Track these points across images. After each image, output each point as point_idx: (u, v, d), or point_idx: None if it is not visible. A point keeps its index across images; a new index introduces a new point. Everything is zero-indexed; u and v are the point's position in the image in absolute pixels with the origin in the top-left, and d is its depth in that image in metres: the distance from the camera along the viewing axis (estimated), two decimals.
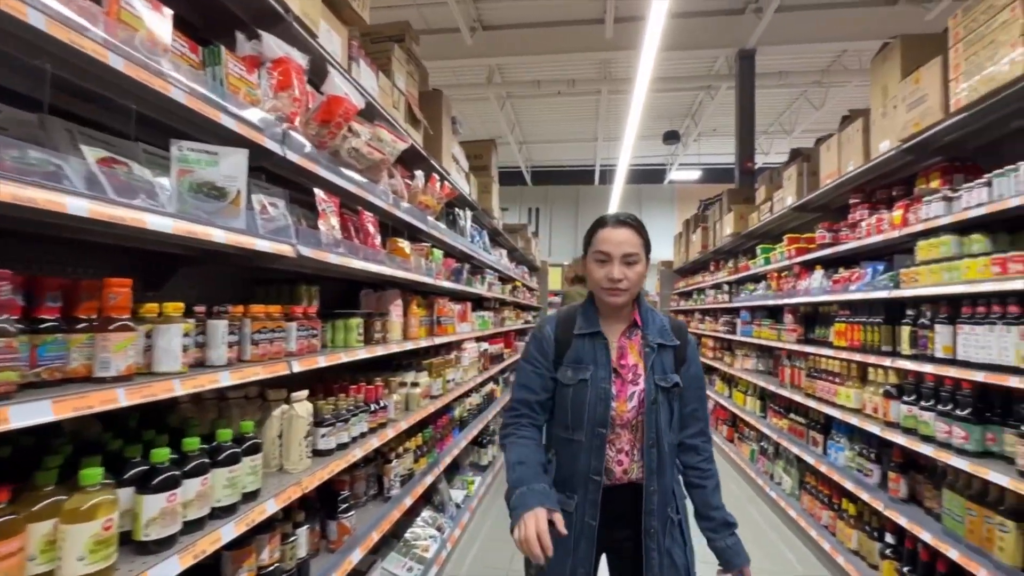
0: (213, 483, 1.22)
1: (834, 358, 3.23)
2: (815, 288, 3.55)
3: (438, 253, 3.37)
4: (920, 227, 2.48)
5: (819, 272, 3.58)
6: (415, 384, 2.71)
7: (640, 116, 7.25)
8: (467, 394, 4.03)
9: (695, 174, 13.62)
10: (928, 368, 2.31)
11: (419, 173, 2.92)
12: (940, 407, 2.25)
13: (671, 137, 11.25)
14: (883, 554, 2.65)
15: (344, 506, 1.93)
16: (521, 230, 8.07)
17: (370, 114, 2.28)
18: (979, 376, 2.01)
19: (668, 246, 10.50)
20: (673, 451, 1.44)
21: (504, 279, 6.41)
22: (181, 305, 1.24)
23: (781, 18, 6.88)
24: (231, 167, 1.36)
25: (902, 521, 2.44)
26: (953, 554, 2.10)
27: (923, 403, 2.36)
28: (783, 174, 4.43)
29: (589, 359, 1.42)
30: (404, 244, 2.78)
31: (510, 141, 12.37)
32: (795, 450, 3.69)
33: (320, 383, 2.22)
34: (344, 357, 1.94)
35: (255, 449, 1.37)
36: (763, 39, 7.25)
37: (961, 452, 2.10)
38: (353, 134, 2.08)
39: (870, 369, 2.86)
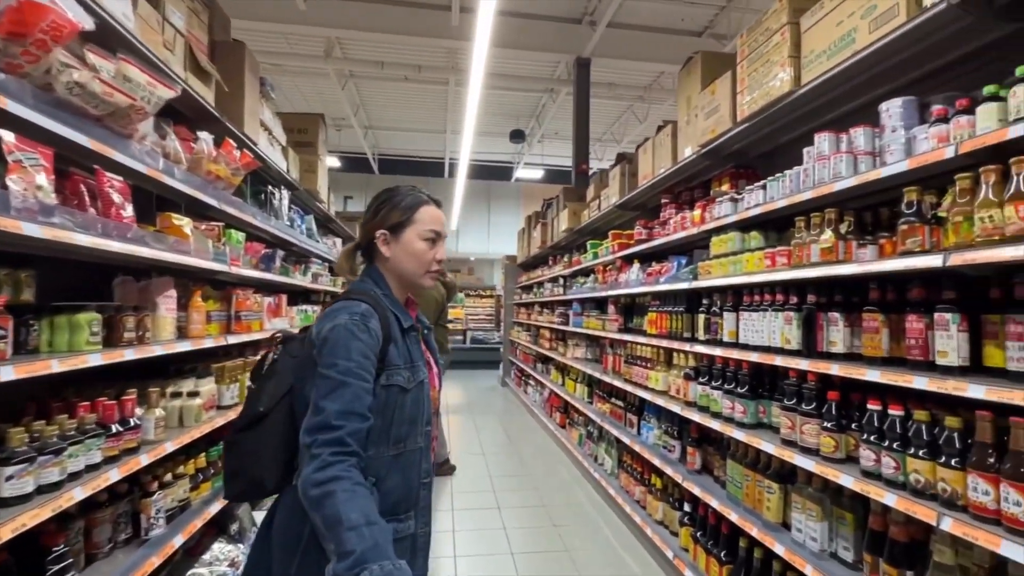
0: None
1: (647, 345, 3.50)
2: (633, 280, 3.81)
3: (238, 235, 2.85)
4: (713, 225, 2.75)
5: (636, 266, 3.86)
6: (193, 394, 2.21)
7: (479, 111, 7.23)
8: None
9: (539, 173, 14.28)
10: (718, 351, 2.56)
11: (206, 135, 2.39)
12: (726, 386, 2.51)
13: (517, 136, 11.61)
14: (682, 521, 2.91)
15: (57, 567, 1.43)
16: (361, 218, 7.51)
17: (113, 43, 1.75)
18: (754, 357, 2.26)
19: (513, 241, 10.81)
20: None
21: None
22: None
23: (611, 33, 7.44)
24: None
25: (696, 491, 2.69)
26: (734, 516, 2.34)
27: (714, 383, 2.62)
28: (609, 174, 4.73)
29: (416, 355, 1.27)
30: (183, 221, 2.24)
31: (354, 124, 11.56)
32: (615, 432, 3.95)
33: (36, 402, 1.65)
34: (58, 366, 1.43)
35: None
36: (597, 51, 7.77)
37: (740, 425, 2.36)
38: (84, 65, 1.56)
39: (675, 354, 3.13)
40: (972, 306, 1.50)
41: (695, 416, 2.74)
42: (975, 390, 1.33)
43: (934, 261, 1.45)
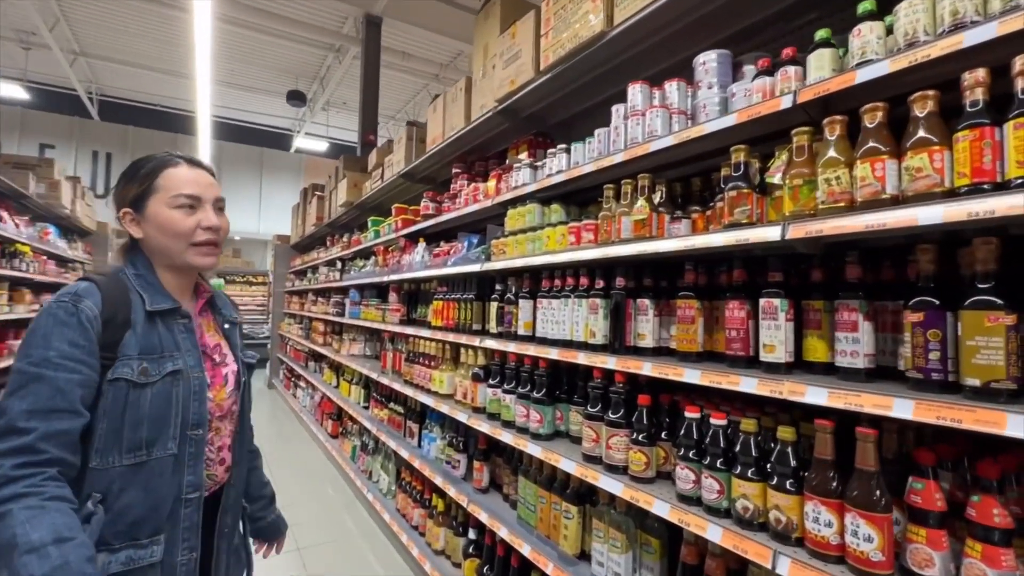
0: None
1: (431, 340, 2.92)
2: (417, 263, 3.20)
3: None
4: (511, 195, 2.30)
5: (422, 245, 3.26)
6: None
7: (241, 59, 5.75)
8: None
9: (323, 146, 12.70)
10: (511, 347, 2.11)
11: None
12: (520, 389, 2.07)
13: (296, 97, 9.97)
14: (466, 552, 2.42)
15: None
16: (40, 166, 5.23)
17: None
18: (553, 353, 1.86)
19: (290, 220, 9.23)
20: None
21: None
22: None
23: None
24: None
25: (483, 517, 2.21)
26: (526, 550, 1.91)
27: (506, 385, 2.17)
28: (395, 140, 4.04)
29: (170, 344, 1.03)
30: None
31: (51, 44, 8.38)
32: (392, 444, 3.29)
33: None
34: None
35: None
36: (388, 10, 6.96)
37: (536, 437, 1.94)
38: None
39: (462, 350, 2.62)
40: (793, 291, 1.28)
41: (484, 426, 2.26)
42: (816, 394, 1.07)
43: (771, 234, 1.17)
